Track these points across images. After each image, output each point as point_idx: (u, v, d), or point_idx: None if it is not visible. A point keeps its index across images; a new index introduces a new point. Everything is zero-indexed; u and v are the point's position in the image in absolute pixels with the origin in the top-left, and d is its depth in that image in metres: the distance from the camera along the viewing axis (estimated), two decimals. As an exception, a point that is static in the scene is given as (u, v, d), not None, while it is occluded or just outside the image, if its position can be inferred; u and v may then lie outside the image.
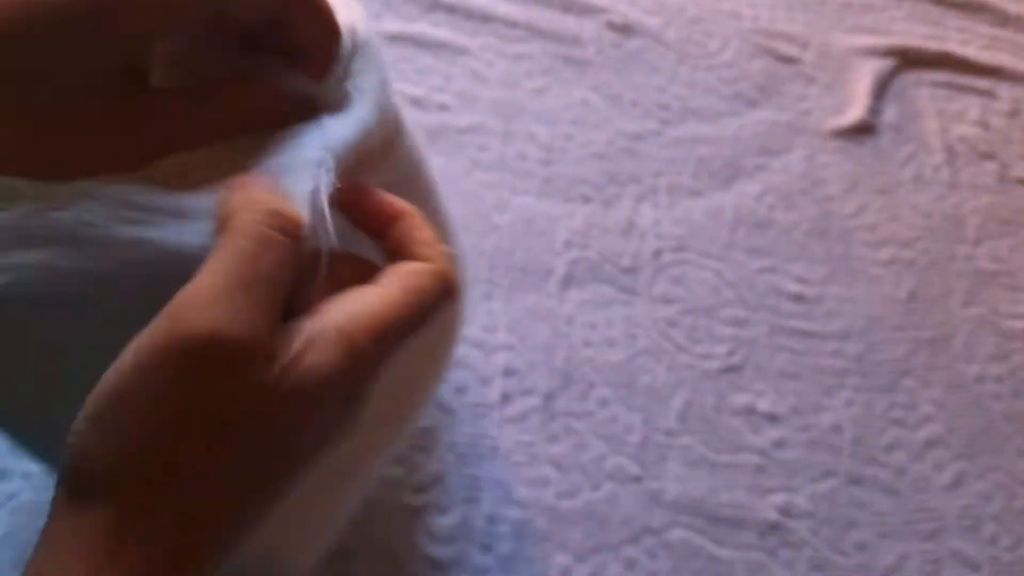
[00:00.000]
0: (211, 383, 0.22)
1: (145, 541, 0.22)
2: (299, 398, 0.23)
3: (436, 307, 0.26)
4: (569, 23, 0.84)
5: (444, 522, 0.58)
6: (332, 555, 0.56)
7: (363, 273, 0.27)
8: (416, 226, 0.27)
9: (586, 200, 0.74)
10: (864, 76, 0.86)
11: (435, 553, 0.58)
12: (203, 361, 0.22)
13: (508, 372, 0.65)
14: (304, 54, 0.27)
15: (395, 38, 0.80)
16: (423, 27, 0.81)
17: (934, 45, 0.90)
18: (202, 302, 0.22)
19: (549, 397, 0.64)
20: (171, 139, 0.24)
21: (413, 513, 0.58)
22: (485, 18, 0.82)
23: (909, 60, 0.89)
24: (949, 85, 0.89)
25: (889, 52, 0.88)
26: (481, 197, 0.73)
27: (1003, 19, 0.95)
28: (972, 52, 0.91)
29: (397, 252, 0.27)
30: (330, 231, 0.25)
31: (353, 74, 0.29)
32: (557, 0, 0.85)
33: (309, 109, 0.27)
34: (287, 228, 0.23)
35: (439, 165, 0.51)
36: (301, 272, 0.24)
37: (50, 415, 0.28)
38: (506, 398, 0.64)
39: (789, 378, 0.69)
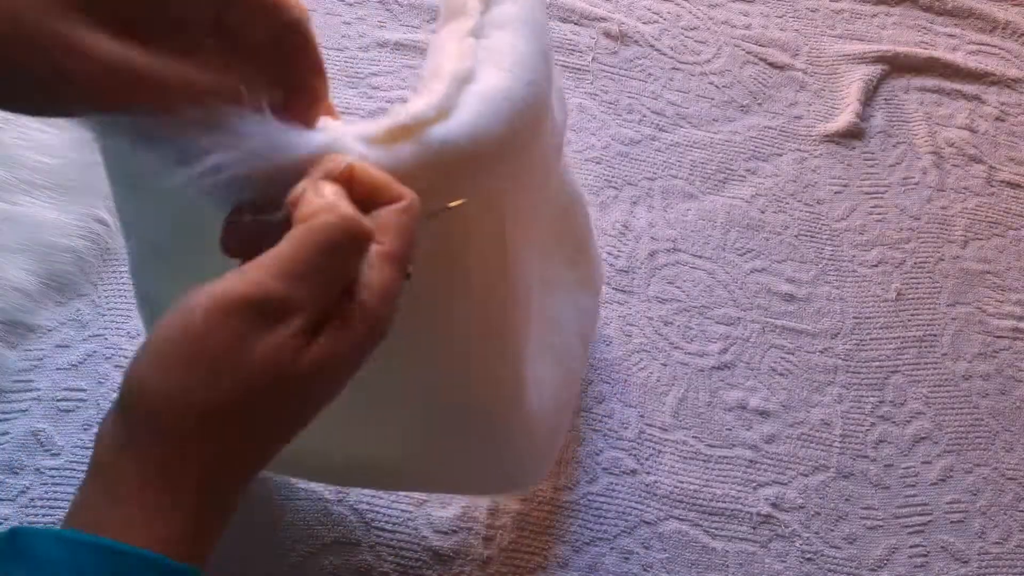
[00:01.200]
0: (263, 336, 0.26)
1: (192, 475, 0.26)
2: (329, 364, 0.27)
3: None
4: (567, 31, 0.86)
5: (446, 514, 0.60)
6: (335, 546, 0.58)
7: None
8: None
9: (583, 203, 0.76)
10: (854, 82, 0.88)
11: (438, 544, 0.59)
12: (259, 315, 0.26)
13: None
14: (294, 93, 0.30)
15: (398, 46, 0.81)
16: (426, 35, 0.82)
17: (923, 51, 0.91)
18: (268, 268, 0.26)
19: (547, 394, 0.66)
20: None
21: (416, 505, 0.60)
22: (484, 27, 0.84)
23: (898, 66, 0.90)
24: (937, 90, 0.90)
25: (878, 58, 0.89)
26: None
27: (991, 25, 0.96)
28: (960, 58, 0.92)
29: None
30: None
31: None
32: (555, 9, 0.86)
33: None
34: (358, 237, 0.28)
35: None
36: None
37: None
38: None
39: (780, 375, 0.71)
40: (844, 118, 0.85)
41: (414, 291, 0.30)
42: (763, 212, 0.79)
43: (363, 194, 0.29)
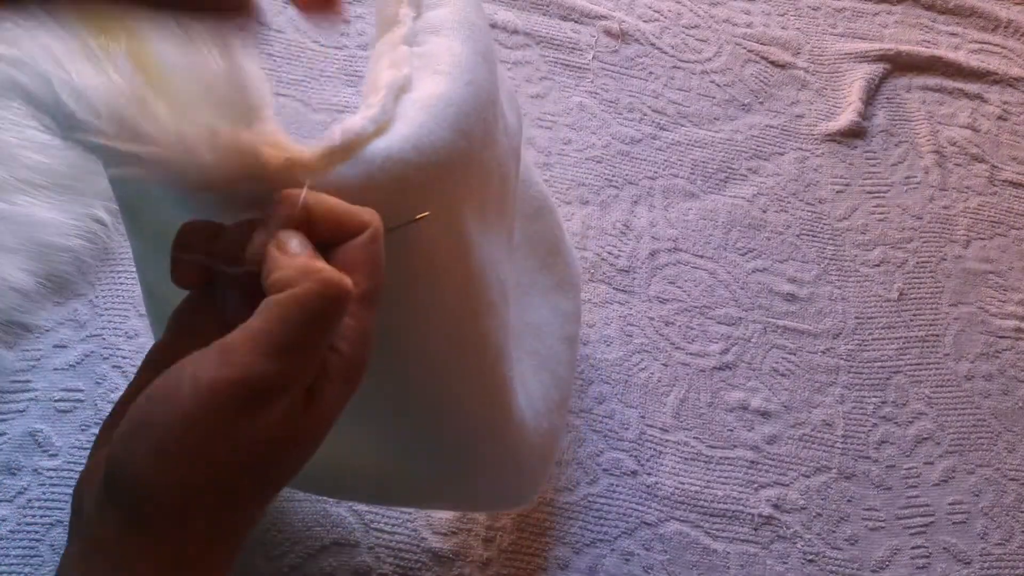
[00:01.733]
0: (260, 415, 0.26)
1: (203, 558, 0.27)
2: (317, 425, 0.28)
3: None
4: (567, 30, 0.85)
5: (445, 515, 0.60)
6: (334, 547, 0.58)
7: None
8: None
9: (584, 202, 0.76)
10: (856, 81, 0.87)
11: (437, 546, 0.59)
12: (253, 399, 0.25)
13: (507, 370, 0.66)
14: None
15: (396, 45, 0.81)
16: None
17: (925, 50, 0.91)
18: (255, 347, 0.25)
19: (547, 394, 0.65)
20: None
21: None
22: (484, 25, 0.84)
23: (900, 65, 0.90)
24: (939, 89, 0.90)
25: (880, 57, 0.89)
26: (481, 200, 0.74)
27: (993, 24, 0.96)
28: (962, 56, 0.92)
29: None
30: None
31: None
32: (556, 7, 0.86)
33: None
34: (342, 299, 0.26)
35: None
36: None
37: None
38: (505, 395, 0.65)
39: (781, 375, 0.70)
40: (846, 117, 0.85)
41: (381, 309, 0.29)
42: (765, 211, 0.79)
43: (325, 232, 0.27)
